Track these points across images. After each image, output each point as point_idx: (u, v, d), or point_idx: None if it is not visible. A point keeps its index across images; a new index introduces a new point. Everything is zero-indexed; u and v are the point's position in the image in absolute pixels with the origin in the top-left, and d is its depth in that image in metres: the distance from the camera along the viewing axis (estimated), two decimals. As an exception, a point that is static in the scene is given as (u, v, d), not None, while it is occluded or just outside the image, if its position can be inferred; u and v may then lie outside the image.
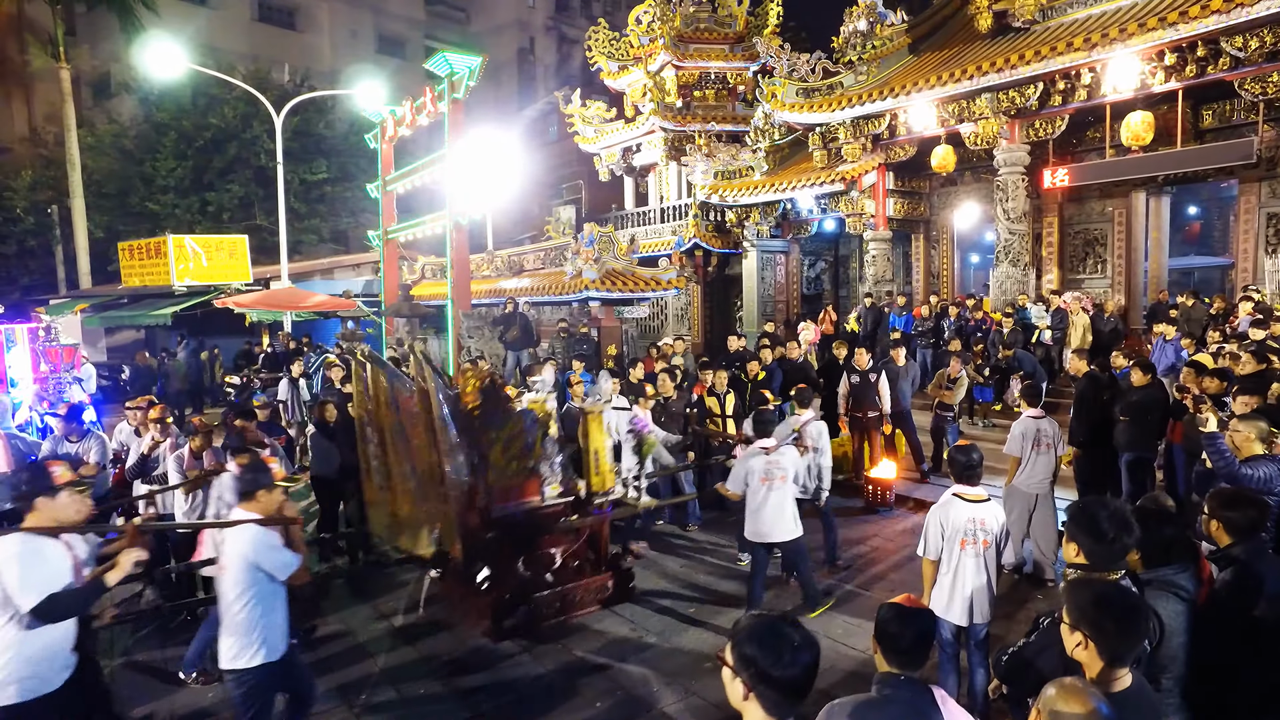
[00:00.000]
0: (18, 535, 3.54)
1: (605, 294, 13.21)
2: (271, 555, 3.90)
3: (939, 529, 4.59)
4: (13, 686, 3.41)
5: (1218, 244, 22.36)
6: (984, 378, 11.51)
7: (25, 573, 3.40)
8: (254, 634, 3.87)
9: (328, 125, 27.82)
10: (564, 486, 6.30)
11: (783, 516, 6.01)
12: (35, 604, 3.37)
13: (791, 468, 6.09)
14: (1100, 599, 2.28)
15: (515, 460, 5.93)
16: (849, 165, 15.64)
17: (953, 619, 4.60)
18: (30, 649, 3.45)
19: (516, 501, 5.99)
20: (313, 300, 18.54)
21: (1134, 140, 11.81)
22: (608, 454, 6.45)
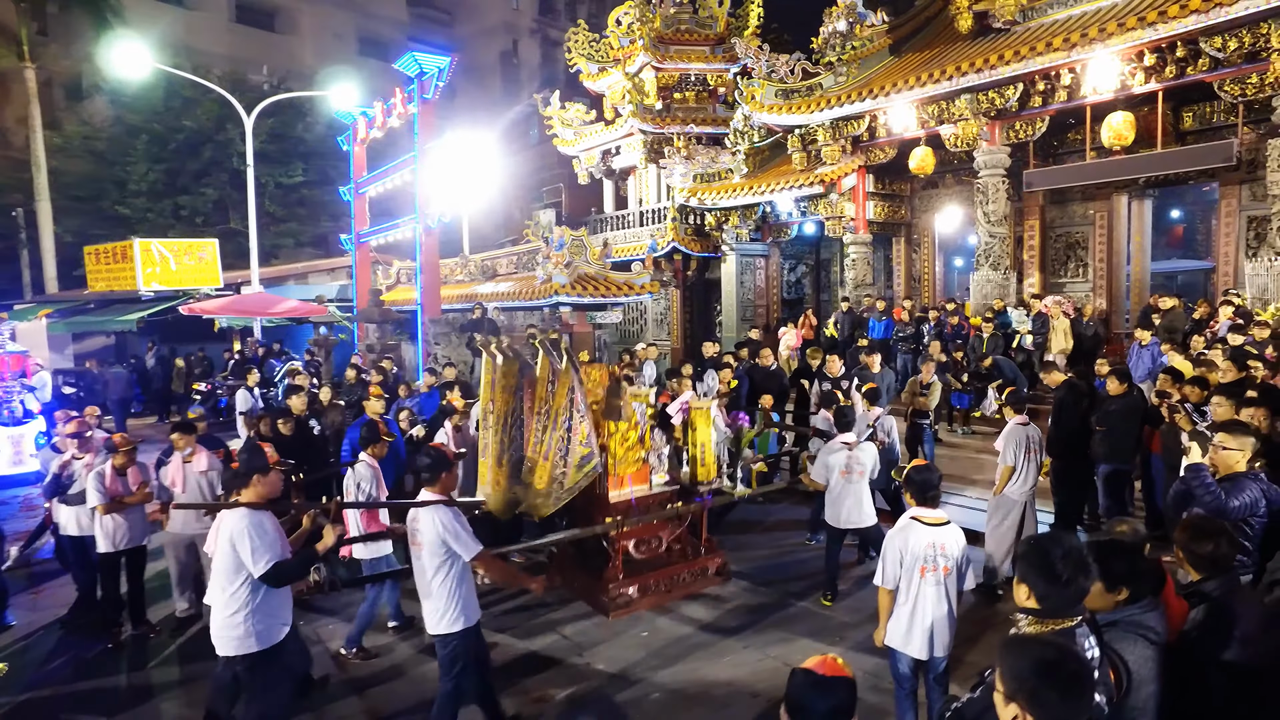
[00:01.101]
0: (243, 509, 4.05)
1: (576, 299, 12.87)
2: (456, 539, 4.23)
3: (897, 556, 4.26)
4: (252, 638, 4.08)
5: (1201, 247, 22.21)
6: (962, 384, 11.25)
7: (256, 542, 3.95)
8: (454, 602, 4.29)
9: (306, 128, 27.39)
10: (670, 475, 6.86)
11: (861, 506, 6.63)
12: (265, 570, 3.96)
13: (870, 462, 6.69)
14: (1041, 666, 1.95)
15: (630, 450, 6.49)
16: (828, 167, 15.37)
17: (912, 652, 4.28)
18: (265, 606, 4.10)
19: (630, 488, 6.57)
20: (283, 306, 18.16)
21: (1115, 141, 11.60)
22: (712, 446, 7.02)
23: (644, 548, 6.72)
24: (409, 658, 6.05)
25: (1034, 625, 2.39)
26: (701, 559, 7.09)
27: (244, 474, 4.18)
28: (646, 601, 6.63)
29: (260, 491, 4.18)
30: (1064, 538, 2.46)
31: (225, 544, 4.02)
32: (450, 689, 4.43)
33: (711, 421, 7.03)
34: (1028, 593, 2.38)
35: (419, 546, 4.32)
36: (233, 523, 4.02)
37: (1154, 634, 2.68)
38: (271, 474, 4.24)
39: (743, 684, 5.51)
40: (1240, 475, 4.44)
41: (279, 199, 26.45)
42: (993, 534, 6.85)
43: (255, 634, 4.08)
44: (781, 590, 7.13)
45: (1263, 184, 11.21)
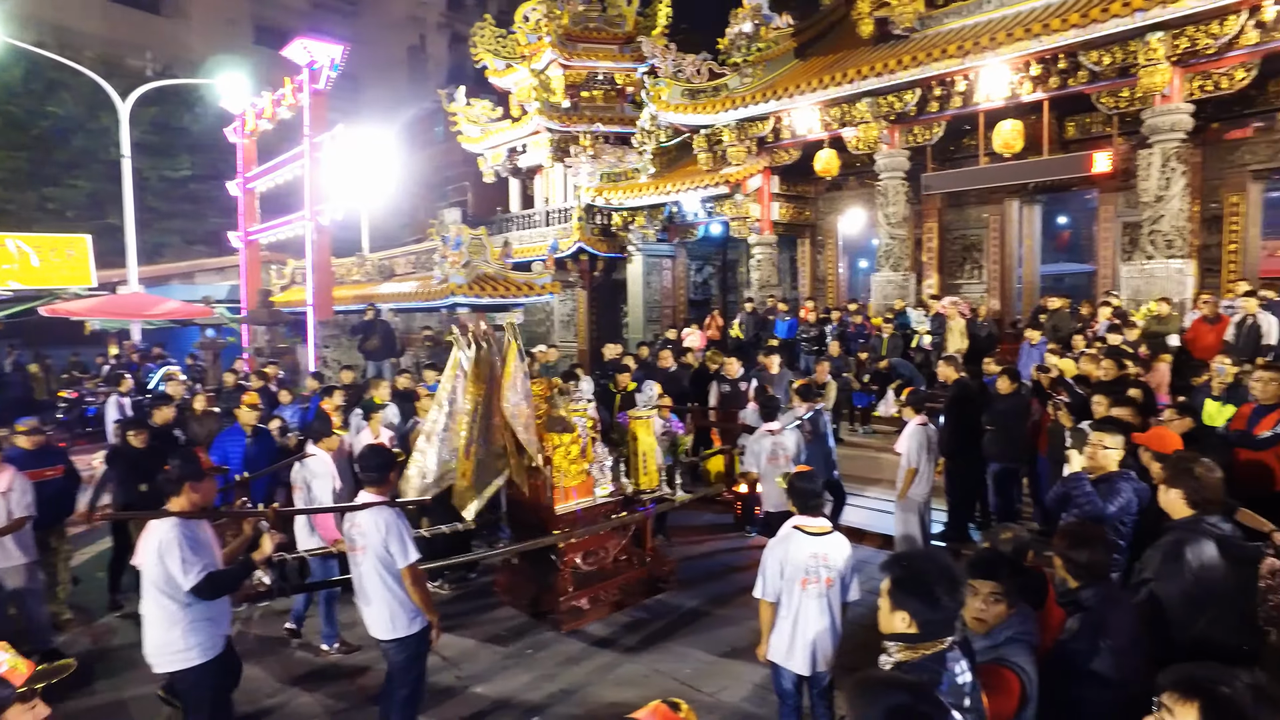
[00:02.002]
0: (173, 519, 3.85)
1: (474, 299, 12.38)
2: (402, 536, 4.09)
3: (778, 567, 4.05)
4: (194, 651, 3.88)
5: (1085, 251, 23.31)
6: (863, 384, 11.34)
7: (186, 553, 3.75)
8: (406, 602, 4.14)
9: (194, 119, 25.78)
10: (613, 486, 6.82)
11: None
12: (196, 582, 3.75)
13: (794, 448, 6.82)
14: (894, 713, 1.73)
15: (574, 464, 6.48)
16: (734, 168, 15.37)
17: (794, 668, 4.08)
18: (204, 617, 3.89)
19: (575, 500, 6.53)
20: (164, 307, 16.98)
21: (1005, 148, 11.94)
22: (654, 455, 7.08)
23: (592, 559, 6.72)
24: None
25: (905, 652, 2.19)
26: (647, 567, 7.10)
27: (175, 481, 3.97)
28: (597, 613, 6.58)
29: (193, 499, 3.97)
30: (935, 556, 2.28)
31: (152, 556, 3.80)
32: (408, 695, 4.31)
33: (652, 430, 7.08)
34: (908, 619, 2.17)
35: (361, 551, 4.15)
36: (161, 533, 3.81)
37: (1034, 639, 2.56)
38: (205, 481, 4.07)
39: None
40: (1114, 475, 4.44)
41: (164, 193, 24.80)
42: (904, 538, 6.80)
43: (197, 645, 3.90)
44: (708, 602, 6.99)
45: (1136, 192, 11.75)
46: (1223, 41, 9.76)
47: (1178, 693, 1.69)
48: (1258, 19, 9.49)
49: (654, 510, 7.02)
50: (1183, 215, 10.74)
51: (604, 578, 6.71)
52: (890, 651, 2.24)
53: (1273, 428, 5.68)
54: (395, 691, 4.32)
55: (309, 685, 5.60)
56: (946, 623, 2.18)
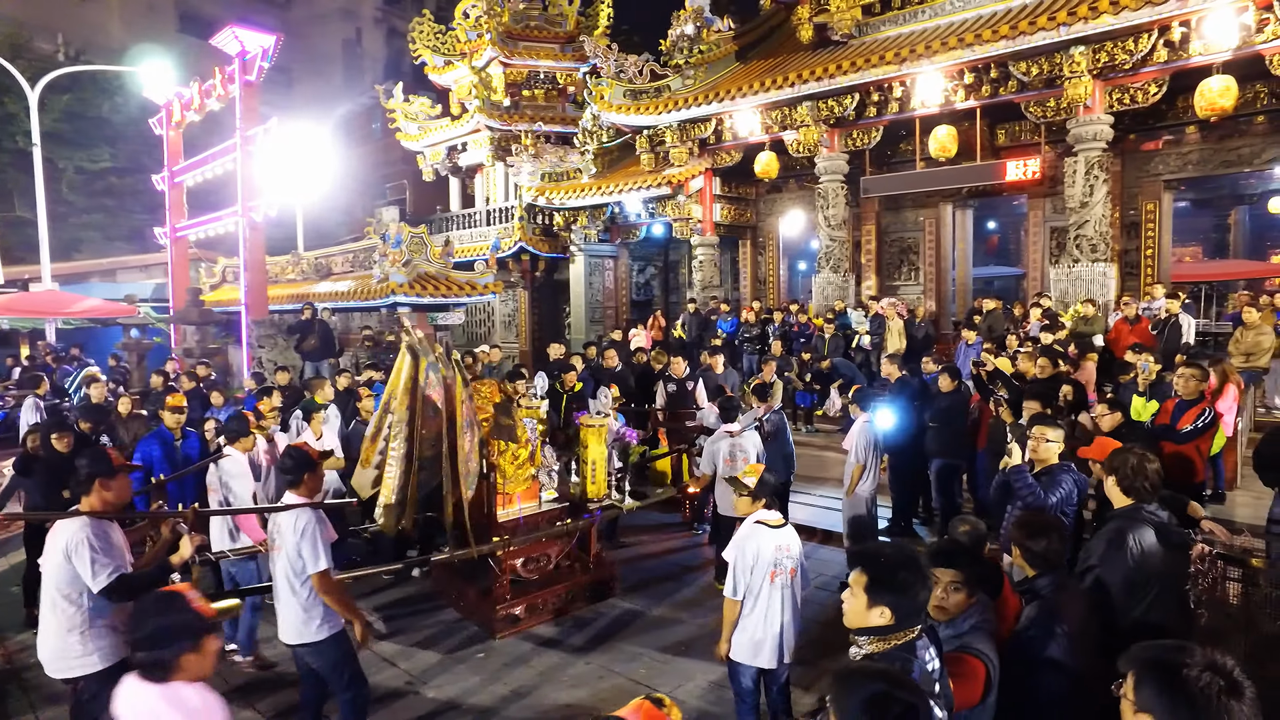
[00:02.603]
0: (82, 518, 3.68)
1: (415, 299, 12.13)
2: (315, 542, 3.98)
3: (748, 564, 4.06)
4: (95, 655, 3.69)
5: (1013, 255, 24.28)
6: (805, 383, 11.53)
7: (96, 554, 3.58)
8: (321, 606, 4.04)
9: (114, 108, 24.60)
10: (559, 492, 6.77)
11: None
12: (107, 583, 3.58)
13: (754, 449, 6.72)
14: (873, 703, 1.76)
15: (519, 469, 6.33)
16: (676, 169, 15.45)
17: (761, 663, 4.10)
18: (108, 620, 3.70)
19: (519, 506, 6.40)
20: (82, 305, 16.15)
21: (940, 153, 12.30)
22: (605, 464, 6.94)
23: (532, 566, 6.56)
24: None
25: (876, 644, 2.22)
26: (591, 574, 6.98)
27: (84, 480, 3.79)
28: (534, 620, 6.45)
29: (104, 498, 3.80)
30: (903, 548, 2.32)
31: (58, 556, 3.60)
32: (350, 697, 4.22)
33: (604, 439, 6.95)
34: (886, 613, 2.20)
35: (278, 551, 4.09)
36: (69, 533, 3.62)
37: (994, 627, 2.64)
38: (118, 479, 3.89)
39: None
40: (1055, 467, 4.62)
41: (81, 186, 23.59)
42: (852, 533, 6.93)
43: (98, 650, 3.69)
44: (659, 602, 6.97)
45: (1063, 198, 12.26)
46: (1138, 58, 10.28)
47: (1140, 670, 1.76)
48: (1166, 38, 10.05)
49: (600, 517, 6.91)
50: (1105, 221, 11.25)
51: (545, 584, 6.60)
52: (860, 644, 2.26)
53: (1194, 422, 6.00)
54: (338, 697, 4.24)
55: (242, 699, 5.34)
56: (917, 612, 2.23)
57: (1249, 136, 11.52)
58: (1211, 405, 6.25)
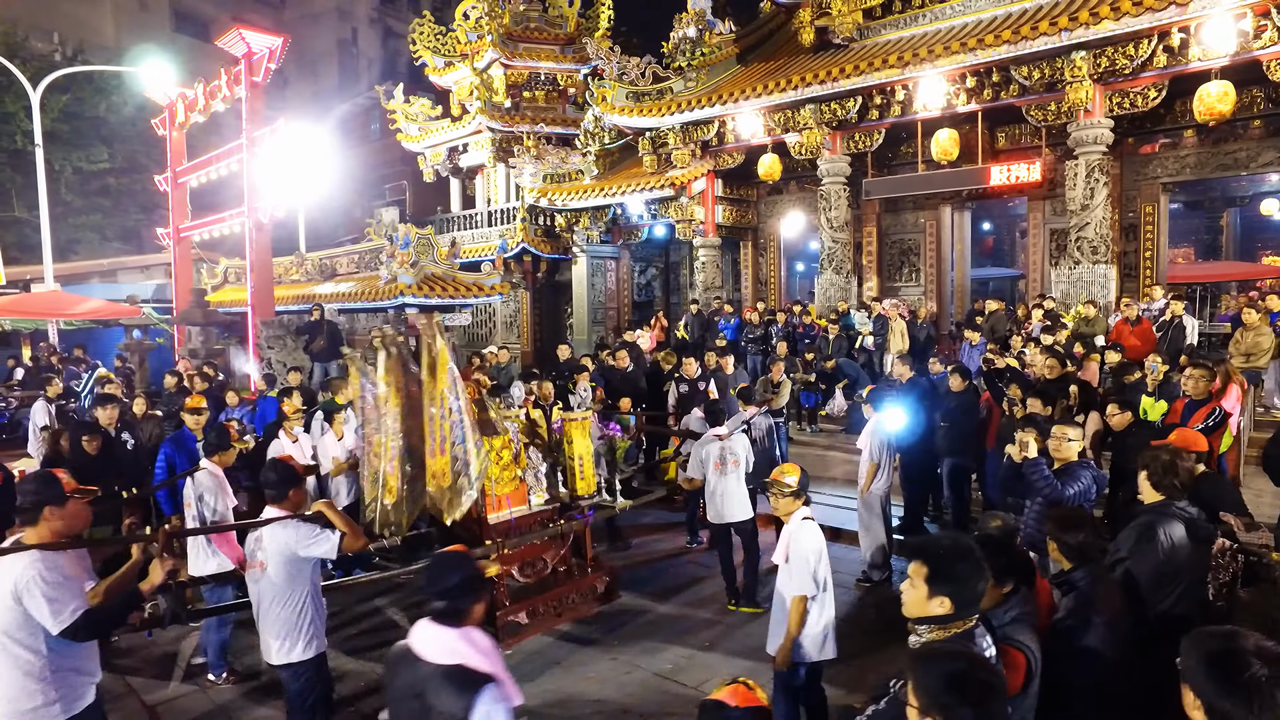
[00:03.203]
0: (29, 555, 3.20)
1: (423, 300, 12.20)
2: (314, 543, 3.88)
3: (814, 559, 4.17)
4: (56, 706, 3.27)
5: (1008, 257, 24.52)
6: (811, 383, 11.66)
7: (51, 591, 3.14)
8: (304, 626, 3.94)
9: (110, 108, 24.50)
10: (549, 493, 6.56)
11: (736, 499, 6.55)
12: (70, 622, 3.16)
13: (743, 453, 6.67)
14: (954, 680, 1.87)
15: (505, 470, 6.17)
16: (679, 171, 15.56)
17: (827, 655, 4.25)
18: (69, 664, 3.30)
19: (509, 509, 6.24)
20: (85, 306, 16.11)
21: (942, 156, 12.46)
22: (591, 460, 6.75)
23: (529, 571, 6.41)
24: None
25: (936, 632, 2.33)
26: (589, 578, 6.82)
27: (29, 508, 3.31)
28: (536, 627, 6.29)
29: (54, 527, 3.33)
30: (960, 540, 2.43)
31: (6, 599, 3.13)
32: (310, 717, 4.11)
33: (588, 433, 6.79)
34: (946, 603, 2.31)
35: (259, 567, 3.93)
36: (15, 572, 3.14)
37: (1033, 619, 2.75)
38: (69, 504, 3.38)
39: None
40: (1074, 464, 4.75)
41: (78, 187, 23.49)
42: (866, 532, 7.01)
43: (60, 700, 3.26)
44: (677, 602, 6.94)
45: (1063, 200, 12.44)
46: (1138, 63, 10.47)
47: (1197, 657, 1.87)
48: (1166, 44, 10.23)
49: (591, 518, 6.78)
50: (1105, 224, 11.43)
51: (543, 589, 6.42)
52: (920, 633, 2.37)
53: (1204, 420, 6.16)
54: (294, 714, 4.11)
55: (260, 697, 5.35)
56: (974, 602, 2.34)
57: (1245, 140, 11.72)
58: (1219, 405, 6.41)
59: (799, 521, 4.28)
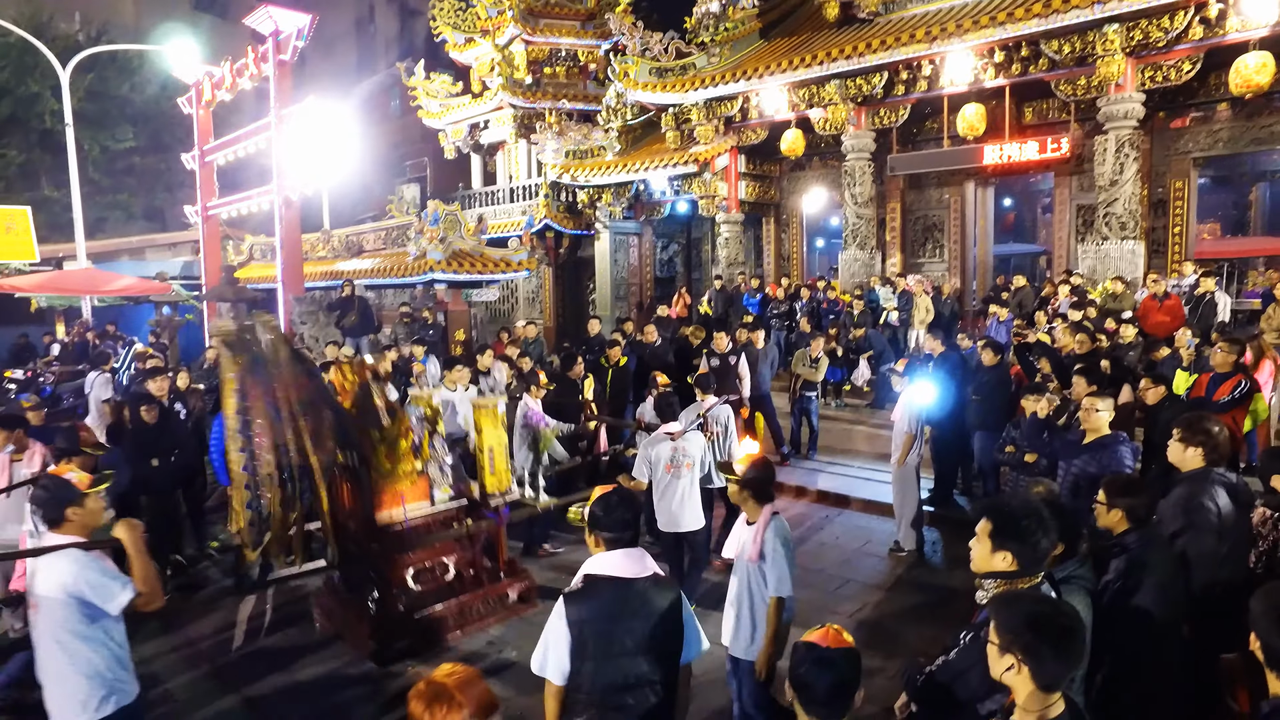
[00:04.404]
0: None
1: (452, 276, 12.36)
2: (100, 585, 3.14)
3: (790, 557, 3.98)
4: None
5: (1029, 233, 24.38)
6: (835, 358, 11.74)
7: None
8: (101, 676, 3.22)
9: (134, 87, 24.69)
10: (455, 489, 5.83)
11: (685, 506, 5.77)
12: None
13: (698, 454, 5.84)
14: (1035, 620, 2.01)
15: (400, 462, 5.47)
16: (702, 147, 15.57)
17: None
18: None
19: (404, 506, 5.52)
20: (118, 284, 16.38)
21: (969, 131, 12.41)
22: (504, 451, 5.94)
23: (426, 577, 5.61)
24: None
25: (1002, 586, 2.47)
26: (501, 584, 6.06)
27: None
28: (428, 641, 5.56)
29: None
30: (1027, 499, 2.56)
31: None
32: None
33: (500, 422, 5.88)
34: (1009, 558, 2.44)
35: (35, 609, 3.22)
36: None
37: (1089, 584, 2.86)
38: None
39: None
40: (1109, 438, 4.84)
41: (104, 166, 23.75)
42: (902, 502, 7.14)
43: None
44: None
45: (1090, 176, 12.38)
46: (1172, 35, 10.35)
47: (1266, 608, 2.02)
48: (1203, 15, 10.09)
49: (506, 517, 6.05)
50: (1134, 199, 11.39)
51: (442, 597, 5.68)
52: (986, 587, 2.51)
53: (1230, 393, 6.25)
54: None
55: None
56: (1038, 560, 2.47)
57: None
58: (1249, 377, 6.48)
59: (769, 516, 3.94)
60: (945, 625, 5.66)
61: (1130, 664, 3.00)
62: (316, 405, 4.87)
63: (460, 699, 2.02)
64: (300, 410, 4.82)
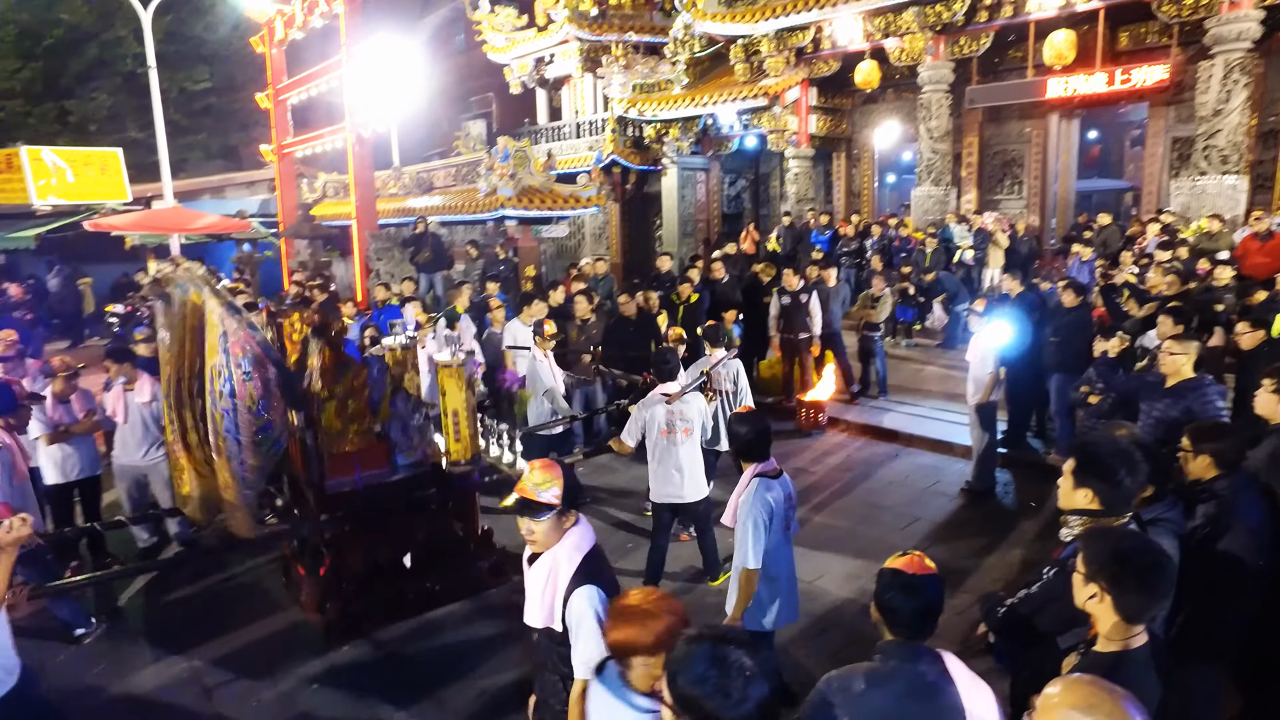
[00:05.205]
0: None
1: (522, 212, 12.47)
2: None
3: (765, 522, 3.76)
4: None
5: (1115, 167, 23.15)
6: (907, 298, 11.57)
7: None
8: None
9: (208, 28, 25.09)
10: (420, 453, 5.25)
11: (687, 473, 5.24)
12: None
13: (698, 418, 5.29)
14: (1121, 553, 2.07)
15: (354, 422, 4.95)
16: (772, 80, 15.16)
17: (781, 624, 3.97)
18: None
19: (360, 474, 5.01)
20: (202, 222, 17.00)
21: (1056, 59, 11.78)
22: (468, 416, 5.18)
23: (383, 547, 5.17)
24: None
25: (1086, 524, 2.52)
26: (468, 556, 5.64)
27: None
28: (378, 621, 5.14)
29: None
30: (1117, 439, 2.58)
31: None
32: None
33: (465, 384, 5.24)
34: (1091, 496, 2.49)
35: None
36: None
37: (1178, 526, 2.89)
38: None
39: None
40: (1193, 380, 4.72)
41: (183, 106, 24.36)
42: (980, 440, 7.10)
43: None
44: None
45: (1189, 106, 11.66)
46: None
47: None
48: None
49: (479, 484, 5.65)
50: (1241, 130, 10.68)
51: (399, 570, 5.27)
52: (1070, 524, 2.57)
53: (1333, 338, 5.97)
54: None
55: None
56: (1126, 500, 2.51)
57: None
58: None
59: (749, 479, 3.71)
60: (1014, 567, 5.74)
61: (1214, 609, 3.01)
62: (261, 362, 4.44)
63: (662, 610, 2.13)
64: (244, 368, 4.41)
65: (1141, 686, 1.82)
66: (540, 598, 2.72)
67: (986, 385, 6.86)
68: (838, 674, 2.16)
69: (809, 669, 4.39)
